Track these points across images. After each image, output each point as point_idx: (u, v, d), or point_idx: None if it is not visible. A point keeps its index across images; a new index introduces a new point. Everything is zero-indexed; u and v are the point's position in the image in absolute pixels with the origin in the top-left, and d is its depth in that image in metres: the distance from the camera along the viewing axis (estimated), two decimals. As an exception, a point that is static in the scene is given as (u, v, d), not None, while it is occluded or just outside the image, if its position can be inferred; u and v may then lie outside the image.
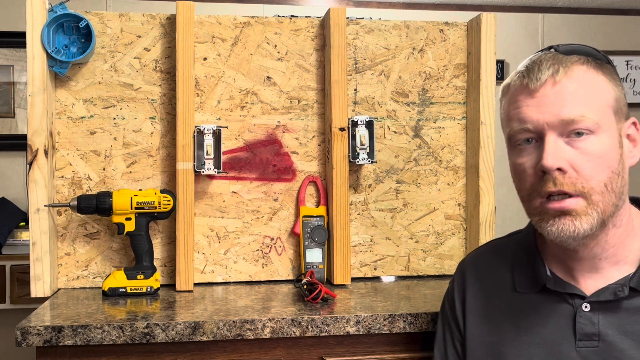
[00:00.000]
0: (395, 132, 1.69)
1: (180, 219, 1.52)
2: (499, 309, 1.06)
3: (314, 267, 1.59)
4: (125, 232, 1.48)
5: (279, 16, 1.65)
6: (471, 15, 1.74)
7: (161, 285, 1.56)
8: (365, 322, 1.27)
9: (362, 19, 1.69)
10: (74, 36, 1.52)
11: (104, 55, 1.57)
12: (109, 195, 1.46)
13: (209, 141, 1.55)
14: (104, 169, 1.57)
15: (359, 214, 1.67)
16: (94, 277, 1.56)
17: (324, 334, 1.26)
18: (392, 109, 1.69)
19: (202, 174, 1.55)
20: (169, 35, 1.59)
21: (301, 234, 1.60)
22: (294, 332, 1.25)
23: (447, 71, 1.71)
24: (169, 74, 1.59)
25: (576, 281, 0.99)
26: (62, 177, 1.55)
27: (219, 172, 1.55)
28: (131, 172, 1.58)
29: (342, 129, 1.59)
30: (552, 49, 0.98)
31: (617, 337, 0.94)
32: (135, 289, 1.46)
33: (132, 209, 1.47)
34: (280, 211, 1.64)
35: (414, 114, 1.70)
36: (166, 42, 1.59)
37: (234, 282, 1.62)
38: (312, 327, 1.26)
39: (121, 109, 1.58)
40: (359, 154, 1.60)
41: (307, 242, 1.60)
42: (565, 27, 3.97)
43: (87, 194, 1.53)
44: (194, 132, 1.54)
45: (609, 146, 0.92)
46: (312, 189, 1.66)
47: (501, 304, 1.06)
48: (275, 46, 1.64)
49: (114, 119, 1.57)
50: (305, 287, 1.41)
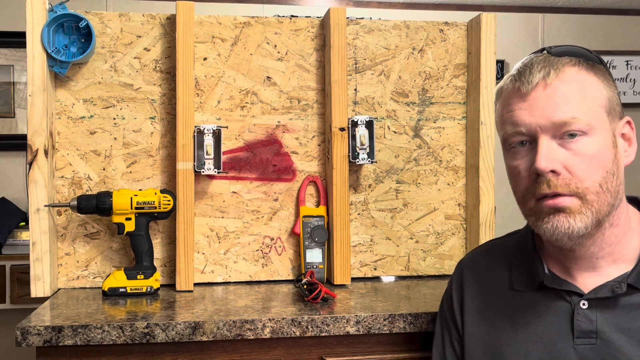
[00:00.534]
0: (395, 132, 1.69)
1: (180, 219, 1.52)
2: (496, 307, 1.06)
3: (314, 267, 1.59)
4: (125, 232, 1.48)
5: (279, 16, 1.66)
6: (471, 15, 1.74)
7: (161, 285, 1.56)
8: (365, 322, 1.27)
9: (362, 19, 1.69)
10: (74, 36, 1.52)
11: (104, 55, 1.57)
12: (109, 195, 1.46)
13: (209, 141, 1.55)
14: (104, 169, 1.57)
15: (359, 214, 1.67)
16: (94, 277, 1.56)
17: (324, 334, 1.26)
18: (392, 109, 1.69)
19: (202, 174, 1.55)
20: (169, 35, 1.59)
21: (301, 234, 1.60)
22: (294, 332, 1.25)
23: (447, 71, 1.71)
24: (169, 74, 1.59)
25: (574, 279, 0.99)
26: (62, 177, 1.55)
27: (219, 172, 1.55)
28: (131, 172, 1.58)
29: (342, 129, 1.59)
30: (544, 51, 0.99)
31: (614, 335, 0.94)
32: (135, 289, 1.46)
33: (132, 209, 1.47)
34: (280, 211, 1.64)
35: (414, 114, 1.70)
36: (166, 42, 1.59)
37: (234, 282, 1.62)
38: (312, 327, 1.26)
39: (121, 109, 1.58)
40: (359, 154, 1.60)
41: (307, 242, 1.60)
42: (565, 27, 3.96)
43: (87, 194, 1.53)
44: (194, 132, 1.54)
45: (603, 146, 0.93)
46: (312, 189, 1.66)
47: (499, 302, 1.06)
48: (275, 46, 1.64)
49: (114, 119, 1.57)
50: (305, 287, 1.41)
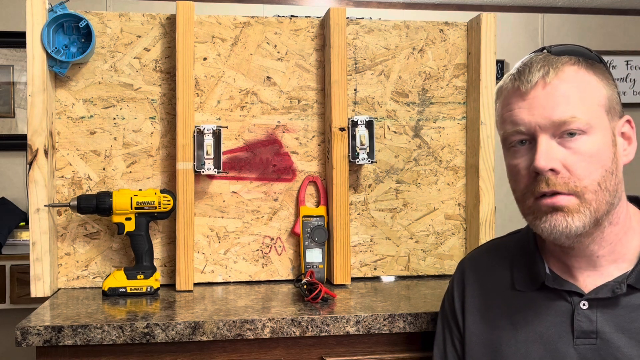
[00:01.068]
0: (395, 132, 1.69)
1: (180, 219, 1.52)
2: (497, 307, 1.06)
3: (314, 267, 1.59)
4: (125, 232, 1.48)
5: (279, 16, 1.66)
6: (471, 15, 1.74)
7: (161, 285, 1.56)
8: (365, 322, 1.27)
9: (362, 19, 1.69)
10: (74, 36, 1.52)
11: (104, 55, 1.57)
12: (109, 195, 1.46)
13: (209, 141, 1.55)
14: (104, 169, 1.57)
15: (359, 214, 1.67)
16: (94, 277, 1.56)
17: (324, 334, 1.26)
18: (392, 109, 1.69)
19: (202, 174, 1.55)
20: (169, 35, 1.59)
21: (301, 234, 1.60)
22: (294, 332, 1.25)
23: (447, 71, 1.71)
24: (169, 74, 1.59)
25: (575, 279, 0.99)
26: (62, 177, 1.55)
27: (219, 172, 1.55)
28: (131, 172, 1.58)
29: (342, 129, 1.59)
30: (544, 50, 0.99)
31: (614, 335, 0.94)
32: (135, 289, 1.46)
33: (132, 209, 1.47)
34: (280, 211, 1.64)
35: (414, 114, 1.70)
36: (166, 42, 1.59)
37: (234, 282, 1.62)
38: (312, 327, 1.26)
39: (121, 109, 1.58)
40: (359, 154, 1.60)
41: (307, 242, 1.60)
42: (565, 27, 3.97)
43: (87, 194, 1.53)
44: (194, 132, 1.54)
45: (602, 145, 0.93)
46: (312, 189, 1.66)
47: (500, 302, 1.06)
48: (275, 46, 1.64)
49: (114, 119, 1.57)
50: (305, 287, 1.41)
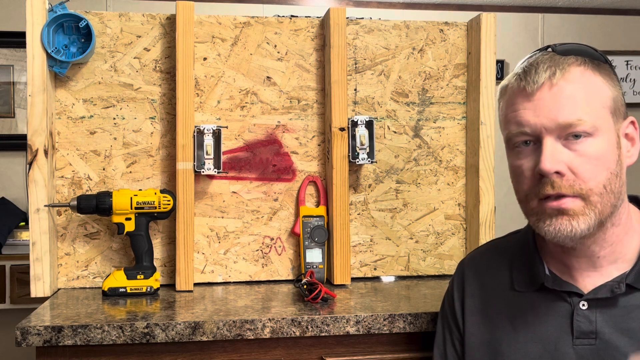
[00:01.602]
0: (395, 132, 1.69)
1: (180, 219, 1.52)
2: (497, 308, 1.06)
3: (314, 267, 1.59)
4: (125, 232, 1.48)
5: (279, 16, 1.66)
6: (471, 15, 1.74)
7: (161, 285, 1.56)
8: (365, 322, 1.27)
9: (362, 19, 1.69)
10: (74, 36, 1.52)
11: (104, 55, 1.57)
12: (109, 195, 1.46)
13: (208, 141, 1.55)
14: (104, 169, 1.57)
15: (359, 214, 1.67)
16: (94, 277, 1.56)
17: (323, 334, 1.26)
18: (392, 109, 1.69)
19: (202, 174, 1.55)
20: (169, 35, 1.59)
21: (301, 234, 1.60)
22: (294, 332, 1.25)
23: (447, 71, 1.71)
24: (169, 74, 1.59)
25: (574, 279, 0.99)
26: (62, 177, 1.55)
27: (219, 172, 1.55)
28: (131, 172, 1.58)
29: (342, 129, 1.59)
30: (549, 49, 0.98)
31: (613, 335, 0.94)
32: (135, 289, 1.46)
33: (132, 209, 1.47)
34: (280, 211, 1.64)
35: (414, 114, 1.70)
36: (166, 42, 1.59)
37: (234, 282, 1.62)
38: (312, 327, 1.26)
39: (121, 109, 1.58)
40: (358, 154, 1.60)
41: (307, 242, 1.60)
42: (565, 27, 3.97)
43: (87, 194, 1.53)
44: (194, 132, 1.54)
45: (607, 148, 0.93)
46: (312, 189, 1.66)
47: (500, 303, 1.06)
48: (275, 46, 1.64)
49: (114, 119, 1.57)
50: (305, 287, 1.41)
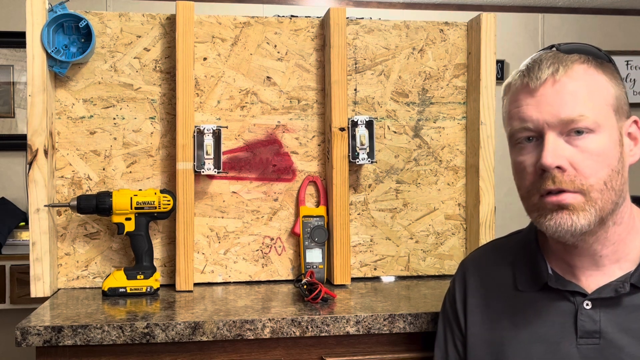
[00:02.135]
0: (395, 132, 1.69)
1: (180, 219, 1.52)
2: (499, 307, 1.06)
3: (314, 267, 1.59)
4: (125, 232, 1.48)
5: (279, 16, 1.65)
6: (471, 15, 1.74)
7: (161, 285, 1.56)
8: (365, 322, 1.27)
9: (362, 19, 1.69)
10: (73, 36, 1.52)
11: (104, 55, 1.57)
12: (108, 195, 1.46)
13: (208, 141, 1.55)
14: (103, 169, 1.57)
15: (359, 214, 1.67)
16: (94, 277, 1.56)
17: (323, 334, 1.26)
18: (392, 109, 1.69)
19: (202, 174, 1.55)
20: (169, 35, 1.59)
21: (301, 234, 1.60)
22: (294, 332, 1.25)
23: (447, 71, 1.71)
24: (169, 74, 1.59)
25: (577, 279, 0.99)
26: (62, 177, 1.55)
27: (218, 172, 1.55)
28: (131, 172, 1.58)
29: (342, 129, 1.59)
30: (553, 48, 0.98)
31: (617, 335, 0.94)
32: (135, 289, 1.46)
33: (132, 209, 1.47)
34: (280, 211, 1.64)
35: (414, 114, 1.70)
36: (166, 42, 1.59)
37: (234, 282, 1.62)
38: (312, 327, 1.26)
39: (121, 109, 1.58)
40: (359, 154, 1.60)
41: (307, 242, 1.60)
42: (565, 27, 3.97)
43: (87, 194, 1.53)
44: (194, 132, 1.54)
45: (609, 144, 0.93)
46: (312, 189, 1.66)
47: (502, 302, 1.06)
48: (275, 46, 1.64)
49: (114, 119, 1.57)
50: (305, 287, 1.41)
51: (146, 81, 1.59)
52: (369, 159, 1.60)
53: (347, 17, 1.63)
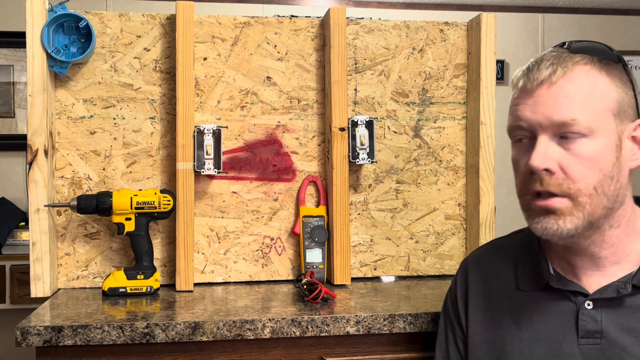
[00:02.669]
0: (395, 132, 1.69)
1: (180, 219, 1.52)
2: (501, 306, 1.06)
3: (314, 267, 1.59)
4: (125, 232, 1.48)
5: (279, 16, 1.65)
6: (471, 15, 1.74)
7: (161, 285, 1.56)
8: (365, 322, 1.27)
9: (362, 19, 1.69)
10: (74, 36, 1.52)
11: (104, 55, 1.57)
12: (109, 195, 1.46)
13: (209, 141, 1.55)
14: (104, 169, 1.57)
15: (359, 214, 1.67)
16: (94, 277, 1.56)
17: (324, 334, 1.26)
18: (392, 109, 1.69)
19: (202, 174, 1.55)
20: (169, 35, 1.59)
21: (301, 234, 1.60)
22: (294, 332, 1.25)
23: (447, 71, 1.71)
24: (169, 74, 1.59)
25: (579, 279, 0.99)
26: (62, 177, 1.55)
27: (219, 172, 1.55)
28: (131, 172, 1.58)
29: (342, 129, 1.59)
30: (564, 46, 0.97)
31: (619, 335, 0.94)
32: (135, 289, 1.46)
33: (132, 209, 1.47)
34: (280, 211, 1.64)
35: (414, 114, 1.70)
36: (166, 42, 1.59)
37: (234, 282, 1.62)
38: (312, 327, 1.26)
39: (121, 109, 1.58)
40: (359, 154, 1.60)
41: (307, 242, 1.60)
42: (565, 27, 3.97)
43: (87, 194, 1.53)
44: (194, 132, 1.54)
45: (602, 149, 0.92)
46: (312, 189, 1.66)
47: (504, 302, 1.06)
48: (275, 46, 1.64)
49: (114, 119, 1.57)
50: (305, 287, 1.41)
51: (146, 81, 1.59)
52: (369, 159, 1.60)
53: (347, 17, 1.63)
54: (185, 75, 1.53)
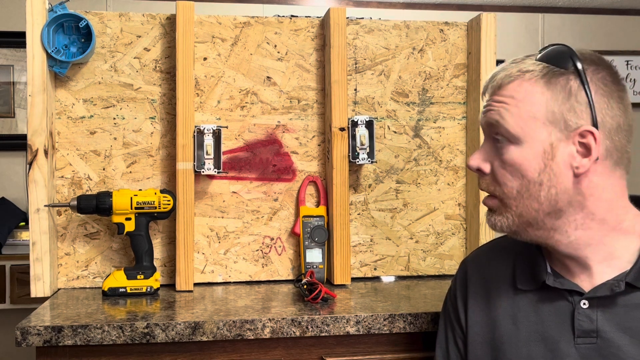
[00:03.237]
0: (395, 132, 1.69)
1: (180, 219, 1.52)
2: (500, 306, 1.06)
3: (314, 267, 1.59)
4: (125, 232, 1.48)
5: (279, 16, 1.66)
6: (471, 15, 1.74)
7: (161, 285, 1.56)
8: (365, 322, 1.27)
9: (362, 18, 1.69)
10: (74, 36, 1.52)
11: (104, 55, 1.57)
12: (109, 195, 1.46)
13: (209, 141, 1.55)
14: (104, 169, 1.57)
15: (359, 214, 1.67)
16: (94, 277, 1.56)
17: (324, 334, 1.26)
18: (392, 109, 1.69)
19: (202, 174, 1.55)
20: (169, 35, 1.59)
21: (301, 234, 1.60)
22: (294, 332, 1.25)
23: (447, 71, 1.71)
24: (169, 74, 1.59)
25: (575, 278, 1.00)
26: (62, 177, 1.55)
27: (219, 172, 1.55)
28: (131, 172, 1.58)
29: (342, 129, 1.59)
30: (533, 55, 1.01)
31: (615, 334, 0.95)
32: (135, 289, 1.46)
33: (132, 209, 1.47)
34: (280, 211, 1.64)
35: (414, 114, 1.70)
36: (166, 42, 1.59)
37: (234, 282, 1.62)
38: (312, 327, 1.26)
39: (121, 109, 1.58)
40: (359, 154, 1.60)
41: (307, 242, 1.60)
42: (565, 27, 3.96)
43: (87, 194, 1.53)
44: (194, 132, 1.54)
45: (527, 156, 0.95)
46: (312, 189, 1.66)
47: (503, 301, 1.06)
48: (275, 46, 1.64)
49: (114, 119, 1.57)
50: (305, 287, 1.41)
51: (146, 81, 1.59)
52: (369, 159, 1.60)
53: (347, 17, 1.63)
54: (185, 75, 1.53)
